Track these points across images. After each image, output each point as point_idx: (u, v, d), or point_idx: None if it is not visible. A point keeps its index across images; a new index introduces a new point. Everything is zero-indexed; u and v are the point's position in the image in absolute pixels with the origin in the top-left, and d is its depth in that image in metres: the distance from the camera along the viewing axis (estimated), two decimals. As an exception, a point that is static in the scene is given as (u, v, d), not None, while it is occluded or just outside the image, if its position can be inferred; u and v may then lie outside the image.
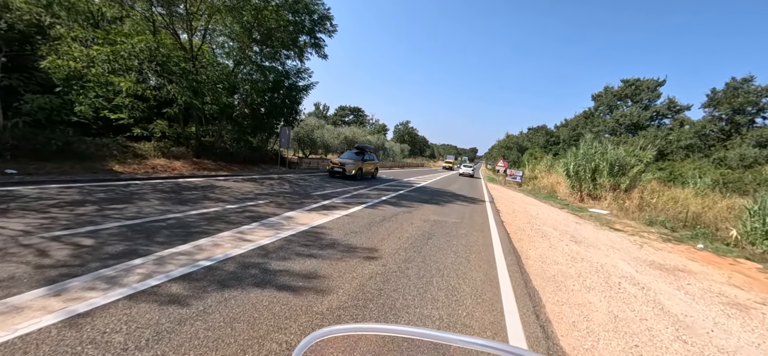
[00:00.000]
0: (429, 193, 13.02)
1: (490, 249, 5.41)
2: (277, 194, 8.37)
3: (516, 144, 59.50)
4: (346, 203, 8.12)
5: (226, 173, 11.22)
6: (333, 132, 24.64)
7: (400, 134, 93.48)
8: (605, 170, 14.69)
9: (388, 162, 34.83)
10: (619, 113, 38.06)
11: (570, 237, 7.43)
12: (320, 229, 5.32)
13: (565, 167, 17.20)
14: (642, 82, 37.50)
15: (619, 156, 14.63)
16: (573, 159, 16.44)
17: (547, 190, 20.72)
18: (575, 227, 9.08)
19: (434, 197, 11.66)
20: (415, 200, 10.38)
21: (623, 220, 11.90)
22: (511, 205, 12.77)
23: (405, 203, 9.42)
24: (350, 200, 8.77)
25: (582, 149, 16.25)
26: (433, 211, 8.54)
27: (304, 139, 21.84)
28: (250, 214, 5.76)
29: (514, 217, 9.51)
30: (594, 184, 15.27)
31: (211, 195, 7.09)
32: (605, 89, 42.48)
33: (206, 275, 3.09)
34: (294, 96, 17.21)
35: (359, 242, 4.79)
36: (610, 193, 14.38)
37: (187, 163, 11.41)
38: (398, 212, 7.80)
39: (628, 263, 5.69)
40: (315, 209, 6.88)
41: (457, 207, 9.85)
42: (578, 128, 43.87)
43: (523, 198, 16.55)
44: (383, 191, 11.78)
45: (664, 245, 8.02)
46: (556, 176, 23.86)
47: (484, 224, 7.69)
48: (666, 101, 34.78)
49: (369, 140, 31.68)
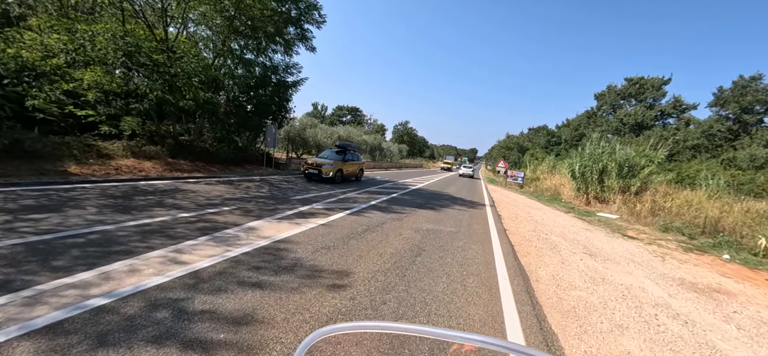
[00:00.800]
0: (425, 196, 12.10)
1: (491, 269, 4.49)
2: (251, 198, 7.44)
3: (516, 145, 58.64)
4: (328, 209, 7.19)
5: (200, 175, 10.29)
6: (326, 131, 23.73)
7: (399, 135, 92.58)
8: (614, 172, 13.79)
9: (385, 163, 33.92)
10: (623, 112, 37.21)
11: (583, 249, 6.51)
12: (285, 244, 4.39)
13: (570, 168, 16.30)
14: (646, 81, 36.66)
15: (628, 156, 13.73)
16: (579, 160, 15.54)
17: (550, 192, 19.81)
18: (586, 235, 8.17)
19: (430, 201, 10.74)
20: (409, 204, 9.46)
21: (635, 226, 11.02)
22: (514, 209, 11.85)
23: (396, 208, 8.49)
24: (334, 205, 7.85)
25: (588, 149, 15.35)
26: (427, 218, 7.62)
27: (296, 138, 20.92)
28: (204, 225, 4.83)
29: (518, 224, 8.59)
30: (601, 186, 14.37)
31: (168, 201, 6.16)
32: (608, 87, 41.66)
33: (86, 324, 2.16)
34: (282, 92, 16.31)
35: (329, 263, 3.86)
36: (619, 196, 13.48)
37: (159, 164, 10.47)
38: (386, 219, 6.87)
39: (657, 284, 4.78)
40: (288, 218, 5.95)
41: (454, 213, 8.93)
42: (581, 127, 43.03)
43: (526, 201, 15.64)
44: (374, 194, 10.85)
45: (686, 257, 7.12)
46: (559, 177, 22.98)
47: (485, 233, 6.77)
48: (672, 100, 33.93)
49: (365, 139, 30.77)
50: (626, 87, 38.28)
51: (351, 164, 13.84)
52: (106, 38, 9.20)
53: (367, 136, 33.80)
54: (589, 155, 15.12)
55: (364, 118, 78.31)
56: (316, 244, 4.54)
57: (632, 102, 37.98)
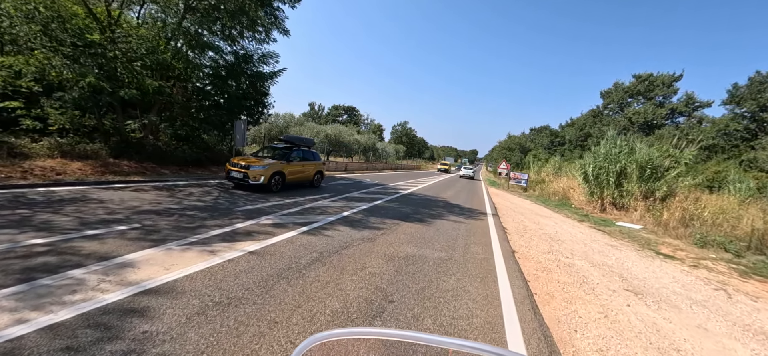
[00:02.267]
0: (414, 203, 10.35)
1: (499, 336, 2.75)
2: (177, 211, 5.69)
3: (518, 145, 56.99)
4: (278, 226, 5.44)
5: (140, 179, 8.53)
6: (312, 129, 21.94)
7: (398, 135, 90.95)
8: (635, 174, 12.07)
9: (380, 164, 32.11)
10: (632, 110, 35.54)
11: (621, 280, 4.78)
12: (149, 300, 2.64)
13: (582, 170, 14.59)
14: (656, 78, 35.02)
15: (651, 157, 12.00)
16: (592, 161, 13.83)
17: (558, 196, 18.09)
18: (614, 255, 6.44)
19: (420, 210, 8.99)
20: (392, 214, 7.71)
21: (665, 239, 9.31)
22: (520, 219, 10.11)
23: (374, 221, 6.74)
24: (291, 218, 6.10)
25: (603, 149, 13.64)
26: (410, 235, 5.87)
27: (278, 137, 19.15)
28: (46, 260, 3.09)
29: (529, 241, 6.85)
30: (619, 191, 12.64)
31: (40, 217, 4.41)
32: (615, 85, 40.02)
33: None
34: (258, 85, 14.59)
35: (195, 350, 2.11)
36: (641, 202, 11.75)
37: (93, 165, 8.72)
38: (354, 240, 5.13)
39: (753, 350, 3.05)
40: (205, 242, 4.21)
41: (447, 226, 7.18)
42: (586, 127, 41.38)
43: (532, 207, 13.91)
44: (353, 201, 9.12)
45: (751, 287, 5.44)
46: (567, 179, 21.28)
47: (486, 260, 5.02)
48: (684, 97, 32.25)
49: (357, 139, 28.93)
50: (634, 84, 36.63)
51: (300, 165, 10.35)
52: (15, 8, 7.47)
53: (360, 136, 32.01)
54: (604, 155, 13.40)
55: (360, 118, 76.61)
56: (209, 297, 2.79)
57: (641, 100, 36.32)
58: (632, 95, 36.97)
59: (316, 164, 11.38)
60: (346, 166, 23.20)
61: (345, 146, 26.05)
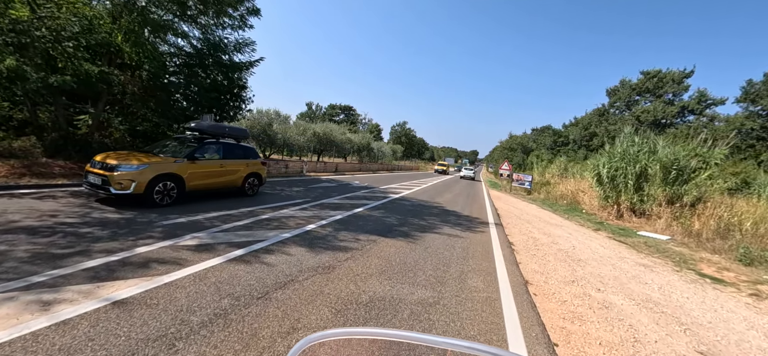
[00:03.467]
0: (403, 211, 8.88)
1: None
2: (69, 228, 4.22)
3: (520, 145, 55.54)
4: (203, 248, 3.98)
5: (64, 183, 7.05)
6: (298, 128, 20.46)
7: (396, 135, 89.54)
8: (658, 176, 10.61)
9: (375, 165, 30.61)
10: (640, 108, 34.08)
11: (682, 331, 3.34)
12: None
13: (595, 170, 13.12)
14: (665, 75, 33.57)
15: (677, 156, 10.54)
16: (607, 161, 12.37)
17: (566, 200, 16.62)
18: (654, 282, 4.98)
19: (407, 221, 7.52)
20: (370, 228, 6.24)
21: (700, 253, 7.88)
22: (528, 228, 8.65)
23: (341, 238, 5.27)
24: (228, 236, 4.63)
25: (620, 147, 12.18)
26: (386, 261, 4.40)
27: (260, 135, 17.72)
28: None
29: (543, 261, 5.38)
30: (640, 195, 11.18)
31: None
32: (621, 82, 38.57)
33: None
34: (232, 76, 13.13)
35: None
36: (666, 209, 10.28)
37: (14, 165, 7.26)
38: (302, 270, 3.67)
39: None
40: (64, 281, 2.75)
41: (439, 245, 5.71)
42: (591, 126, 39.93)
43: (540, 213, 12.44)
44: (327, 209, 7.65)
45: None
46: (575, 181, 19.84)
47: (491, 302, 3.55)
48: (696, 94, 30.78)
49: (350, 137, 27.32)
50: (642, 81, 35.19)
51: (215, 165, 7.29)
52: None
53: (353, 135, 30.46)
54: (621, 154, 11.94)
55: (358, 117, 75.15)
56: None
57: (649, 98, 34.88)
58: (640, 93, 35.52)
59: (250, 165, 8.21)
60: (336, 167, 21.74)
61: (336, 146, 24.58)
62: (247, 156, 8.38)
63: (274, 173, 15.61)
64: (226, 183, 7.70)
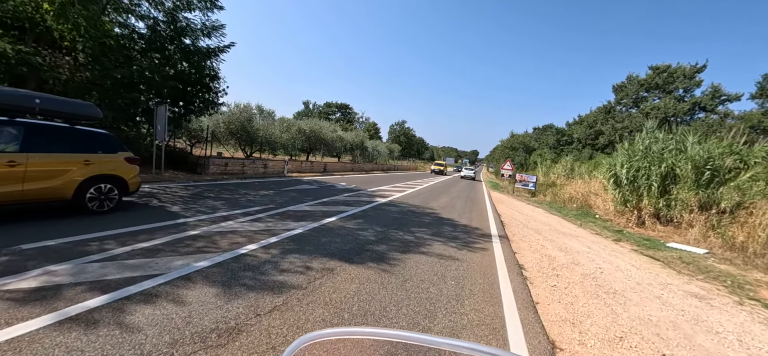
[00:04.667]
0: (386, 221, 7.38)
1: None
2: None
3: (522, 144, 54.07)
4: (48, 292, 2.47)
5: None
6: (282, 124, 18.88)
7: (395, 135, 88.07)
8: (689, 178, 9.13)
9: (368, 165, 29.12)
10: (649, 105, 32.61)
11: None
12: None
13: (611, 171, 11.65)
14: (676, 70, 32.13)
15: (711, 154, 9.07)
16: (626, 160, 10.90)
17: (575, 203, 15.14)
18: (725, 325, 3.53)
19: (388, 235, 6.02)
20: (334, 247, 4.75)
21: (752, 273, 6.48)
22: (538, 240, 7.16)
23: (287, 266, 3.78)
24: (117, 264, 3.14)
25: (641, 145, 10.71)
26: (334, 313, 2.91)
27: (239, 132, 16.20)
28: None
29: (568, 295, 3.89)
30: (666, 199, 9.70)
31: None
32: (628, 78, 37.13)
33: None
34: (199, 63, 11.65)
35: None
36: (698, 216, 8.80)
37: None
38: (185, 336, 2.16)
39: None
40: None
41: (424, 273, 4.22)
42: (597, 124, 38.48)
43: (549, 220, 10.96)
44: (287, 220, 6.16)
45: None
46: (583, 183, 18.38)
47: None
48: (709, 90, 29.32)
49: (341, 135, 25.69)
50: (651, 76, 33.74)
51: (16, 161, 4.37)
52: None
53: (346, 132, 28.89)
54: (643, 152, 10.47)
55: (354, 116, 73.60)
56: None
57: (658, 94, 33.43)
58: (649, 89, 34.08)
59: (94, 162, 5.19)
60: (325, 166, 20.24)
61: (326, 144, 23.07)
62: (88, 148, 5.20)
63: (250, 173, 14.10)
64: (31, 195, 4.54)
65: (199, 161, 11.96)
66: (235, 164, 13.19)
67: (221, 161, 12.35)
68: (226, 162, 12.63)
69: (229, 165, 12.64)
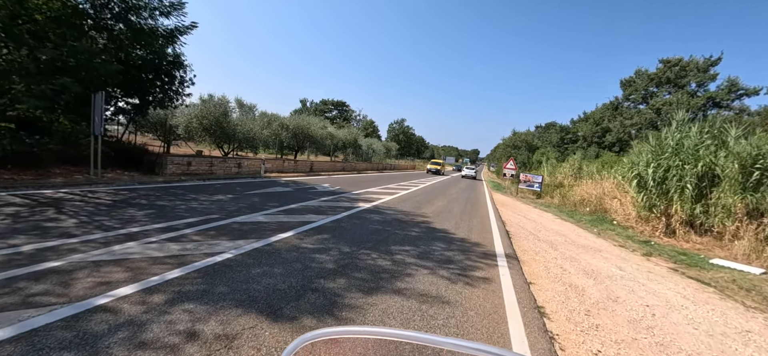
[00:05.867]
0: (362, 235, 5.87)
1: None
2: None
3: (524, 143, 52.49)
4: None
5: None
6: (263, 119, 17.22)
7: (395, 133, 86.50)
8: (735, 179, 7.63)
9: (362, 164, 27.53)
10: (660, 100, 31.10)
11: None
12: None
13: (633, 170, 10.15)
14: (688, 63, 30.61)
15: (761, 151, 7.57)
16: (652, 158, 9.41)
17: (589, 207, 13.63)
18: None
19: (357, 259, 4.51)
20: (263, 288, 3.25)
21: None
22: (555, 259, 5.65)
23: (151, 340, 2.27)
24: None
25: (671, 139, 9.21)
26: None
27: (213, 128, 14.68)
28: None
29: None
30: (703, 205, 8.20)
31: None
32: (637, 72, 35.63)
33: None
34: (155, 46, 10.14)
35: None
36: (749, 225, 7.30)
37: None
38: None
39: None
40: None
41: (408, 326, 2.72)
42: (604, 121, 36.97)
43: (561, 228, 9.46)
44: (229, 237, 4.65)
45: None
46: (593, 184, 16.85)
47: None
48: (725, 84, 27.79)
49: (330, 132, 24.01)
50: (662, 70, 32.22)
51: None
52: None
53: (338, 129, 27.23)
54: (673, 149, 8.97)
55: (351, 113, 71.99)
56: None
57: (669, 89, 31.91)
58: (659, 84, 32.56)
59: None
60: (311, 166, 18.71)
61: (315, 142, 21.50)
62: None
63: (220, 174, 12.58)
64: None
65: (158, 160, 10.43)
66: (201, 163, 11.66)
67: (183, 160, 10.82)
68: (190, 161, 11.09)
69: (192, 164, 11.10)
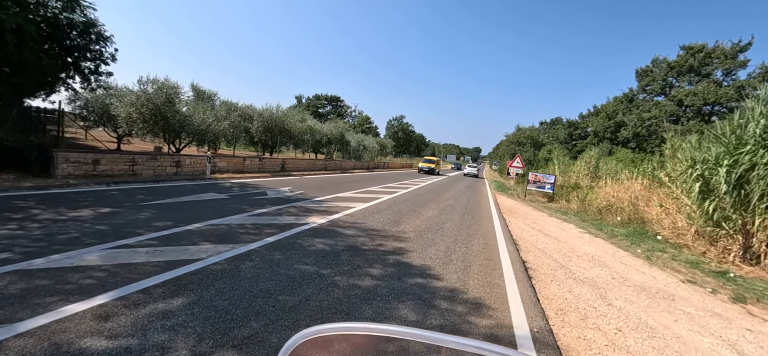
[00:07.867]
0: (258, 299, 3.29)
1: None
2: None
3: (529, 139, 49.79)
4: None
5: None
6: (219, 110, 14.47)
7: (393, 131, 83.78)
8: None
9: (349, 163, 24.84)
10: (682, 91, 28.40)
11: None
12: None
13: (694, 169, 7.55)
14: (713, 50, 27.92)
15: None
16: (726, 151, 6.80)
17: (620, 215, 10.99)
18: None
19: None
20: None
21: None
22: (621, 331, 3.04)
23: None
24: None
25: (756, 127, 6.59)
26: None
27: (154, 118, 12.08)
28: None
29: None
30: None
31: None
32: (654, 61, 32.94)
33: None
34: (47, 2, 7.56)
35: None
36: None
37: None
38: None
39: None
40: None
41: None
42: (618, 114, 34.29)
43: (595, 250, 6.83)
44: None
45: None
46: (619, 186, 14.22)
47: None
48: (758, 71, 25.07)
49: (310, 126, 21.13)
50: (683, 58, 29.52)
51: None
52: None
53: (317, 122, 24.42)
54: (758, 139, 6.35)
55: (346, 109, 69.27)
56: None
57: (692, 78, 29.21)
58: (681, 73, 29.86)
59: None
60: (282, 164, 16.09)
61: (291, 137, 18.86)
62: None
63: (148, 175, 9.95)
64: None
65: (49, 158, 7.86)
66: (117, 161, 9.05)
67: (85, 158, 8.24)
68: (97, 158, 8.52)
69: (101, 163, 8.53)
